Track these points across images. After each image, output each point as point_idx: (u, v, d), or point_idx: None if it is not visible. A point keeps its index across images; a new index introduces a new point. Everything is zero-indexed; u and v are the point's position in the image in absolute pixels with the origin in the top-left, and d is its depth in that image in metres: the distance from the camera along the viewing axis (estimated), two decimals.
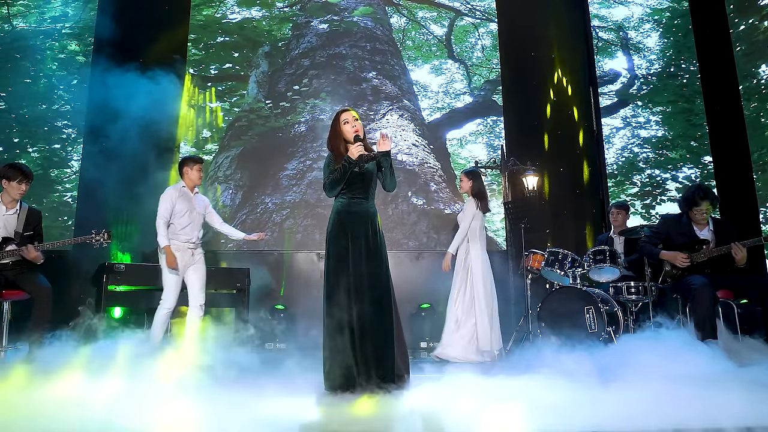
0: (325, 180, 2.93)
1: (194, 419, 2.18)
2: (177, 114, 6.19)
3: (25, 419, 2.04)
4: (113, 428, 1.96)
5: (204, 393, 2.72)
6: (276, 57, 6.36)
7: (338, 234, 2.88)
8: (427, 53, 6.41)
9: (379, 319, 2.77)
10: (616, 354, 3.21)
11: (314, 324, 5.48)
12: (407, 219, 5.89)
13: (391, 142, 2.95)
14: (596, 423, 1.95)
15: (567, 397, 2.33)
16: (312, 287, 5.74)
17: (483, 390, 2.68)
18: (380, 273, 2.85)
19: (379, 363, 2.71)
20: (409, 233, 5.86)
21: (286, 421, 2.17)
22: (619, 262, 4.26)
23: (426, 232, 5.88)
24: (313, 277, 5.79)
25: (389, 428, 2.16)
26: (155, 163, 5.80)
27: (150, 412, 2.18)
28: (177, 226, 3.94)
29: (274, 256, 5.83)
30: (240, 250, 5.81)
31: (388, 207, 5.86)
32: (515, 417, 2.12)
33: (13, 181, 3.67)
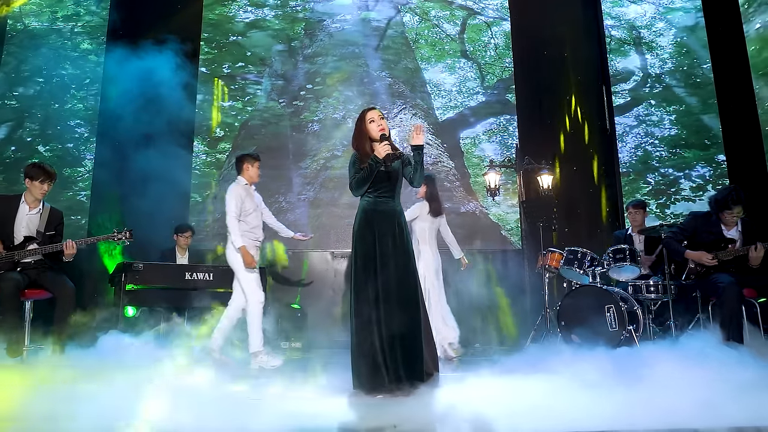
0: (351, 179, 2.92)
1: (226, 417, 2.18)
2: (192, 115, 6.18)
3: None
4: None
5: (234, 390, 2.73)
6: (289, 56, 6.35)
7: (365, 233, 2.87)
8: (440, 52, 6.40)
9: (407, 317, 2.76)
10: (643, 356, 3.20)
11: (329, 322, 5.52)
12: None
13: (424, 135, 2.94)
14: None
15: (595, 397, 2.33)
16: (326, 286, 5.74)
17: (511, 387, 2.69)
18: (407, 271, 2.84)
19: (408, 361, 2.70)
20: None
21: (322, 419, 2.17)
22: (639, 261, 4.26)
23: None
24: (328, 276, 5.79)
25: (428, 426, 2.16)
26: (170, 162, 5.80)
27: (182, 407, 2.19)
28: (248, 225, 3.94)
29: (288, 255, 5.82)
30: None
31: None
32: (552, 413, 2.13)
33: (36, 180, 3.66)
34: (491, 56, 6.43)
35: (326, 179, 6.03)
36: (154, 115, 5.82)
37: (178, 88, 5.94)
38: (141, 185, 5.54)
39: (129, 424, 1.98)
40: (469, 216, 5.99)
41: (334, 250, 5.86)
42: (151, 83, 5.76)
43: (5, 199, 3.75)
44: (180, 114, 5.98)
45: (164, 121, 5.90)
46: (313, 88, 6.27)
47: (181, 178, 5.92)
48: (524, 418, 2.13)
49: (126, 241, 3.82)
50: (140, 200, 5.55)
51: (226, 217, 3.85)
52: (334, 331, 5.34)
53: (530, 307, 5.15)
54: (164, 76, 5.84)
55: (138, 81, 5.76)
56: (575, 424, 2.00)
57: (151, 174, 5.55)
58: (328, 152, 6.13)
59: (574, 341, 4.17)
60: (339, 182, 5.97)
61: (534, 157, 5.49)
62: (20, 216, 3.67)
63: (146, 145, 5.70)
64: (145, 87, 5.76)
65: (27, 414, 2.11)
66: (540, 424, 2.05)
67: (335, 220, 5.90)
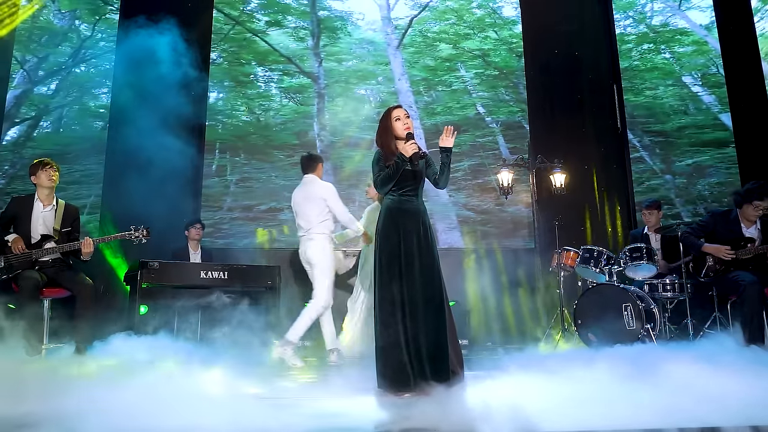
0: (375, 177, 2.92)
1: (248, 417, 2.16)
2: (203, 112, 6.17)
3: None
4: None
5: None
6: (310, 54, 6.32)
7: (389, 232, 2.86)
8: (458, 51, 6.39)
9: (432, 316, 2.75)
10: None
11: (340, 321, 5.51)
12: (436, 216, 5.88)
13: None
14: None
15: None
16: (339, 285, 5.72)
17: (535, 384, 2.68)
18: (432, 270, 2.83)
19: (434, 360, 2.69)
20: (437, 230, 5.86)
21: (348, 419, 2.16)
22: (655, 260, 4.26)
23: (451, 229, 5.88)
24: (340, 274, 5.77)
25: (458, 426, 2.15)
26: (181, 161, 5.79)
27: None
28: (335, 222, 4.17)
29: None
30: (271, 248, 5.80)
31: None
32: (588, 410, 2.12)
33: (40, 170, 3.66)
34: (505, 55, 6.42)
35: (341, 178, 6.03)
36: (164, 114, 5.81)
37: (190, 85, 5.94)
38: (152, 183, 5.53)
39: (146, 425, 1.95)
40: (481, 214, 5.98)
41: (346, 248, 5.84)
42: (162, 80, 5.75)
43: (20, 199, 3.76)
44: (192, 112, 5.97)
45: (175, 119, 5.89)
46: (324, 90, 6.26)
47: (193, 175, 5.91)
48: (556, 414, 2.12)
49: (143, 238, 3.82)
50: (151, 199, 5.54)
51: (337, 214, 4.06)
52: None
53: (543, 306, 5.14)
54: (175, 72, 5.83)
55: (149, 77, 5.75)
56: (616, 422, 1.99)
57: (162, 172, 5.55)
58: (343, 151, 6.12)
59: (590, 339, 4.17)
60: (353, 181, 5.96)
61: (546, 156, 5.49)
62: (35, 214, 3.67)
63: (157, 143, 5.68)
64: (156, 84, 5.74)
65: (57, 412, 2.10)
66: (575, 421, 2.04)
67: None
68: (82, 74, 6.16)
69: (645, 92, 6.29)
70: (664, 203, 5.16)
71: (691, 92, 6.21)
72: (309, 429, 1.98)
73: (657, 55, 6.38)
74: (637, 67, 6.38)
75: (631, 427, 1.91)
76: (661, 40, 6.38)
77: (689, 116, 6.16)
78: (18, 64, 6.01)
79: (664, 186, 6.01)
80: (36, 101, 6.02)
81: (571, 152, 5.87)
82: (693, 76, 6.25)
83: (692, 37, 6.33)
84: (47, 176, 3.66)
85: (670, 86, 6.26)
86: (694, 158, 5.99)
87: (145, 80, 5.77)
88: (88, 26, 6.25)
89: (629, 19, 6.52)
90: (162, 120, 5.77)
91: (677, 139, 6.13)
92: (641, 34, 6.47)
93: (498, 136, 6.21)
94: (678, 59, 6.33)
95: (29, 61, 6.04)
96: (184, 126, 6.01)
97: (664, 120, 6.21)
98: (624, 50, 6.43)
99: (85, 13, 6.26)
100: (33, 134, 5.94)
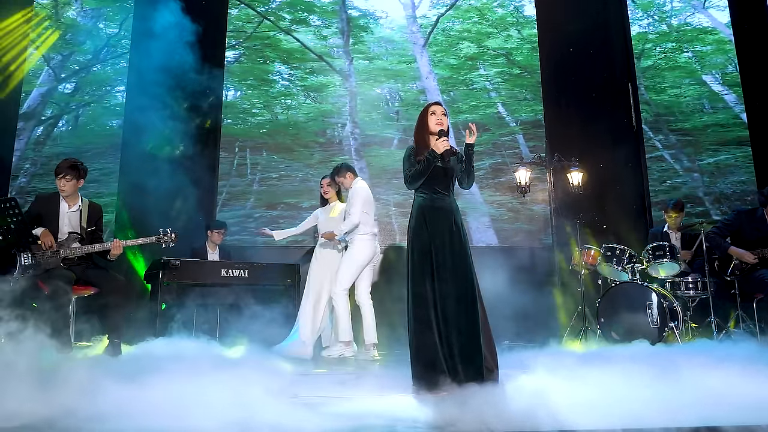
0: (405, 172, 2.91)
1: (281, 417, 2.15)
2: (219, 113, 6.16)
3: None
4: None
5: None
6: (341, 53, 6.31)
7: (421, 230, 2.86)
8: (482, 49, 6.40)
9: (465, 315, 2.74)
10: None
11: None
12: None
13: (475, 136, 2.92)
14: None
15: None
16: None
17: (565, 382, 2.68)
18: (465, 268, 2.82)
19: (467, 359, 2.69)
20: None
21: (385, 419, 2.14)
22: (678, 258, 4.26)
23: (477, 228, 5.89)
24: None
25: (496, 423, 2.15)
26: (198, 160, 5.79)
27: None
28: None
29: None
30: (289, 246, 5.79)
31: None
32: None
33: (56, 176, 3.64)
34: (527, 53, 6.41)
35: (372, 176, 6.03)
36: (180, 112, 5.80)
37: (206, 82, 5.93)
38: (168, 182, 5.52)
39: (180, 426, 1.94)
40: (499, 212, 5.98)
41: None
42: (178, 77, 5.75)
43: (45, 198, 3.73)
44: (208, 110, 5.97)
45: (192, 117, 5.89)
46: (360, 83, 6.23)
47: (209, 174, 5.91)
48: (589, 412, 2.12)
49: (171, 243, 3.80)
50: (167, 198, 5.55)
51: (352, 220, 4.18)
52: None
53: (562, 304, 5.14)
54: (191, 70, 5.82)
55: (164, 75, 5.74)
56: (649, 421, 1.99)
57: (178, 171, 5.55)
58: (374, 149, 6.12)
59: (613, 338, 4.18)
60: (385, 178, 5.95)
61: (563, 154, 5.49)
62: (62, 214, 3.66)
63: (173, 141, 5.68)
64: (171, 82, 5.73)
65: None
66: (609, 419, 2.04)
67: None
68: (100, 72, 6.15)
69: (667, 91, 6.28)
70: (688, 202, 5.15)
71: (712, 91, 6.20)
72: (343, 429, 1.98)
73: (679, 54, 6.37)
74: (660, 66, 6.37)
75: (663, 426, 1.92)
76: (685, 39, 6.37)
77: (710, 114, 6.15)
78: (45, 61, 6.00)
79: (687, 185, 6.00)
80: (57, 99, 6.01)
81: (587, 151, 5.87)
82: (714, 75, 6.24)
83: (715, 35, 6.31)
84: (60, 185, 3.64)
85: (691, 85, 6.26)
86: (715, 157, 5.98)
87: (160, 77, 5.76)
88: (113, 24, 6.24)
89: (650, 18, 6.51)
90: (177, 118, 5.77)
91: (699, 137, 6.12)
92: (663, 32, 6.46)
93: (518, 134, 6.20)
94: (700, 58, 6.32)
95: (54, 58, 6.02)
96: (200, 124, 6.02)
97: (685, 119, 6.20)
98: (647, 49, 6.41)
99: (109, 12, 6.25)
100: (53, 132, 5.93)
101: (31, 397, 2.07)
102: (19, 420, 1.87)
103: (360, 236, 4.24)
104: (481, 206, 5.98)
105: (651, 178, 6.09)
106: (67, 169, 3.61)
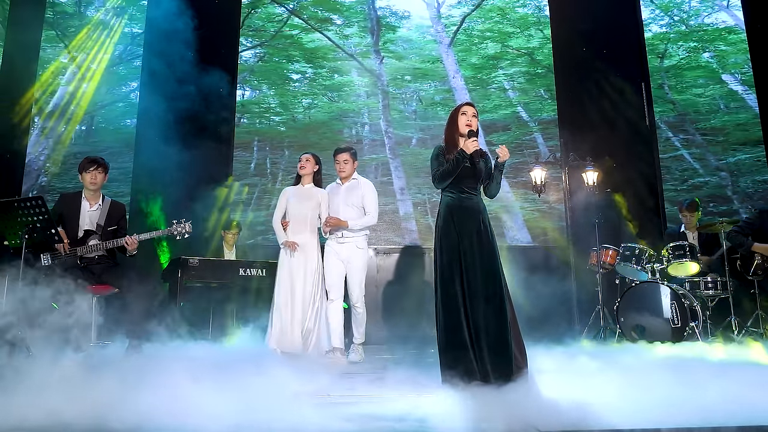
0: (434, 171, 2.91)
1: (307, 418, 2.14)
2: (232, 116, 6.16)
3: None
4: None
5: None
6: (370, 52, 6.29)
7: (449, 229, 2.85)
8: (503, 49, 6.41)
9: (494, 315, 2.74)
10: None
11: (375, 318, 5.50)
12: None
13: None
14: None
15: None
16: (370, 283, 5.71)
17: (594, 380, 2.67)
18: (493, 268, 2.82)
19: (497, 359, 2.69)
20: None
21: (414, 418, 2.13)
22: (697, 257, 4.25)
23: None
24: (371, 272, 5.76)
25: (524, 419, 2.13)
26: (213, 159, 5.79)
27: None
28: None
29: None
30: None
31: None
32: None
33: (83, 172, 3.64)
34: (548, 53, 6.41)
35: (408, 175, 6.03)
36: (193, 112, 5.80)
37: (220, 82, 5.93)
38: (182, 181, 5.52)
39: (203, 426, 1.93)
40: (515, 212, 5.97)
41: (378, 246, 5.84)
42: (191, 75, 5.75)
43: (68, 197, 3.72)
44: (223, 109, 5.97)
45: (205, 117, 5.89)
46: (389, 83, 6.23)
47: (223, 172, 5.91)
48: (615, 409, 2.11)
49: (186, 233, 3.73)
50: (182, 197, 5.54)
51: (374, 218, 3.95)
52: (384, 327, 5.33)
53: (578, 304, 5.13)
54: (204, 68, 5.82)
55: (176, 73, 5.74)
56: (676, 419, 1.98)
57: (191, 170, 5.54)
58: (407, 148, 6.10)
59: (633, 337, 4.17)
60: (422, 177, 5.95)
61: (578, 154, 5.49)
62: (82, 213, 3.65)
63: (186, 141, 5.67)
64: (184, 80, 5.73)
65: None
66: (632, 417, 2.04)
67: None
68: (118, 72, 6.15)
69: (690, 90, 6.27)
70: (710, 201, 5.12)
71: (732, 90, 6.19)
72: (374, 429, 1.97)
73: (700, 54, 6.36)
74: (682, 65, 6.35)
75: (692, 425, 1.91)
76: (706, 39, 6.35)
77: (732, 114, 6.13)
78: (72, 60, 6.00)
79: (709, 184, 5.98)
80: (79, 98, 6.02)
81: (602, 150, 5.86)
82: (734, 75, 6.23)
83: (738, 34, 6.30)
84: (90, 178, 3.63)
85: (712, 84, 6.24)
86: (736, 156, 5.97)
87: (173, 75, 5.76)
88: (133, 24, 6.24)
89: (670, 18, 6.50)
90: (190, 118, 5.76)
91: (720, 136, 6.11)
92: (683, 32, 6.44)
93: (536, 134, 6.20)
94: (721, 58, 6.30)
95: (77, 57, 6.03)
96: (213, 124, 6.01)
97: (706, 118, 6.19)
98: (669, 49, 6.40)
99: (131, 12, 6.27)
100: (73, 130, 5.95)
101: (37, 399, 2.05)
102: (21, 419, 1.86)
103: (365, 236, 4.01)
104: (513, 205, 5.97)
105: (672, 177, 6.08)
106: (97, 163, 3.64)
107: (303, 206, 3.92)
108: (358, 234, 3.91)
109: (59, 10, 6.17)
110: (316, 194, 3.96)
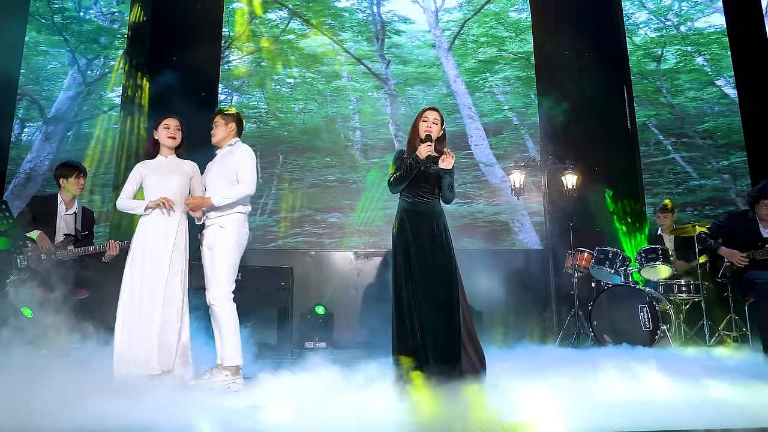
0: (390, 175, 2.94)
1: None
2: None
3: None
4: None
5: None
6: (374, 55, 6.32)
7: (403, 233, 2.89)
8: (497, 53, 6.45)
9: (443, 320, 2.77)
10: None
11: (353, 322, 5.52)
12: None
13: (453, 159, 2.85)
14: None
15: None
16: (350, 286, 5.75)
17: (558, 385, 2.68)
18: (446, 272, 2.84)
19: (446, 361, 2.72)
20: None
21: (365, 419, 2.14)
22: (671, 261, 4.25)
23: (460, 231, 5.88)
24: (351, 275, 5.79)
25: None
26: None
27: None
28: None
29: (310, 255, 5.82)
30: (280, 249, 5.81)
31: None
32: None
33: (70, 177, 3.68)
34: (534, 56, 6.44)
35: (341, 182, 6.04)
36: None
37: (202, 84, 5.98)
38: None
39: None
40: (491, 215, 5.98)
41: (357, 249, 5.87)
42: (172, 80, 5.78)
43: (44, 199, 3.77)
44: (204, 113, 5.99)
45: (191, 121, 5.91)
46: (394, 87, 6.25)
47: None
48: (582, 414, 2.13)
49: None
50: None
51: (250, 187, 2.96)
52: (360, 331, 5.34)
53: (555, 307, 5.12)
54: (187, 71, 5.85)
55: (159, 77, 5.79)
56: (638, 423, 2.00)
57: None
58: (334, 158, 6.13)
59: (606, 341, 4.17)
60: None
61: (557, 157, 5.49)
62: (59, 216, 3.69)
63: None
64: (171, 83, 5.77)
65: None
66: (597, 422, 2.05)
67: (352, 220, 5.91)
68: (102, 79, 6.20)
69: (685, 93, 6.28)
70: (706, 204, 5.11)
71: (724, 93, 6.20)
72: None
73: (692, 58, 6.38)
74: (677, 69, 6.35)
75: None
76: (699, 42, 6.37)
77: (725, 117, 6.13)
78: (75, 63, 6.05)
79: (703, 188, 5.97)
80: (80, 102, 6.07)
81: (582, 154, 5.86)
82: (726, 78, 6.24)
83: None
84: (77, 185, 3.68)
85: (704, 88, 6.26)
86: (729, 159, 5.98)
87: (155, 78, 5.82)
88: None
89: (663, 22, 6.52)
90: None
91: (712, 140, 6.11)
92: (676, 36, 6.45)
93: (527, 138, 6.21)
94: (716, 62, 6.31)
95: (79, 61, 6.07)
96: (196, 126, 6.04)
97: (696, 122, 6.20)
98: (664, 52, 6.42)
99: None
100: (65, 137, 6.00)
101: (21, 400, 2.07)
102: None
103: (238, 214, 2.99)
104: (470, 207, 5.95)
105: (665, 181, 6.08)
106: (80, 169, 3.69)
107: (169, 185, 3.02)
108: (225, 212, 2.95)
109: (68, 15, 6.22)
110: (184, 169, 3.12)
